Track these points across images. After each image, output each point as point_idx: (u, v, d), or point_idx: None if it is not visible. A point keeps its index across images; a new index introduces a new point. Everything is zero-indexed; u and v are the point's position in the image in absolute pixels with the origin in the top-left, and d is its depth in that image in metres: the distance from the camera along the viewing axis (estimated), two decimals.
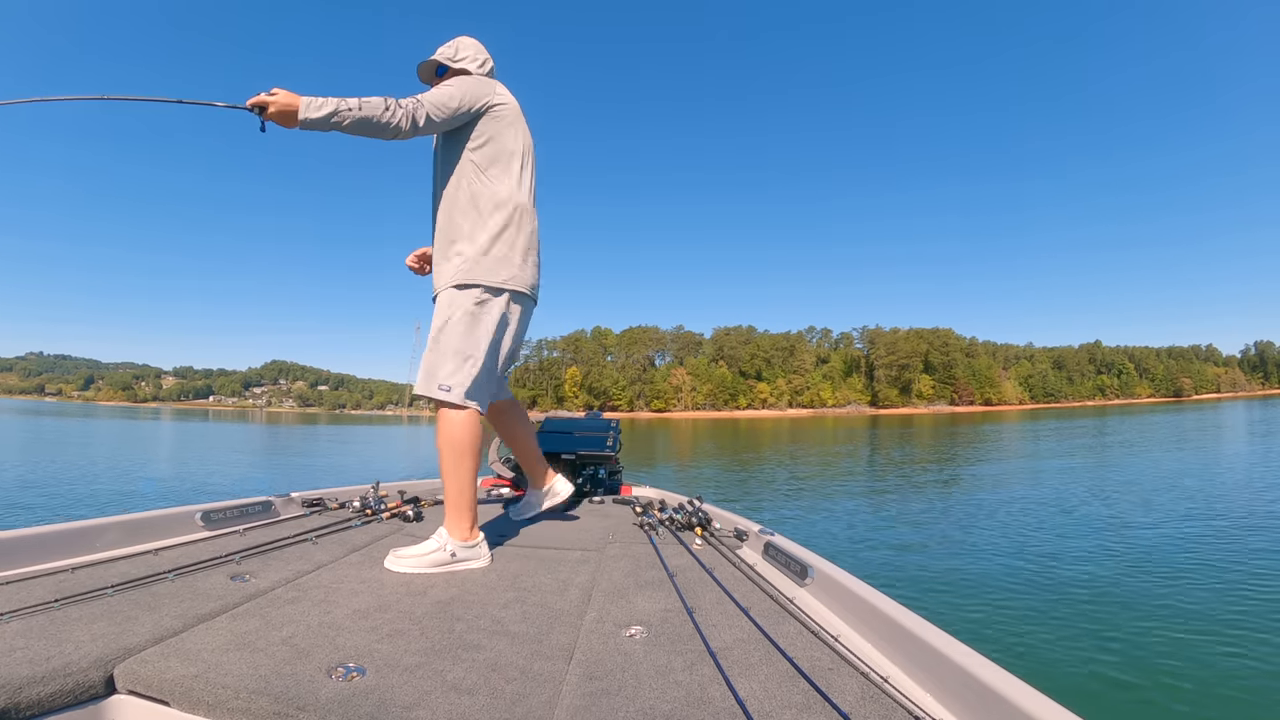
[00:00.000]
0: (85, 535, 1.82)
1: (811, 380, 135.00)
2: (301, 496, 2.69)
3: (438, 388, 1.96)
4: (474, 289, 2.02)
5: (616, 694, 1.11)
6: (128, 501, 9.36)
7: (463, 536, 1.95)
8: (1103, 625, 4.39)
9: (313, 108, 1.77)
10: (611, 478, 3.72)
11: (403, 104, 1.87)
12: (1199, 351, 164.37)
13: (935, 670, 1.14)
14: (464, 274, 2.01)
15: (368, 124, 1.83)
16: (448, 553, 1.91)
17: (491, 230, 2.04)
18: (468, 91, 2.04)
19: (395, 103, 1.86)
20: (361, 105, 1.81)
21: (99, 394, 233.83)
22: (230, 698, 1.06)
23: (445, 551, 1.91)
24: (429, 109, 1.93)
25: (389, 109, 1.84)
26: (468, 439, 1.98)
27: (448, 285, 2.04)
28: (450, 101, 1.98)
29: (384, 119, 1.84)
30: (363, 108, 1.80)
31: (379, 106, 1.83)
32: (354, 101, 1.80)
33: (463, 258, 2.03)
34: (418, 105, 1.90)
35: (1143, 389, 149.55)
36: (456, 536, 1.94)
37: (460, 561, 1.92)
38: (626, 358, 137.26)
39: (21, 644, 1.16)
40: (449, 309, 2.02)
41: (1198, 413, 50.21)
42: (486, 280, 2.03)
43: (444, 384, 1.96)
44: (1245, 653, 3.87)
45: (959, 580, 5.61)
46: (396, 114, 1.85)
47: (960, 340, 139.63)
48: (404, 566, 1.87)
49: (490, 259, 2.03)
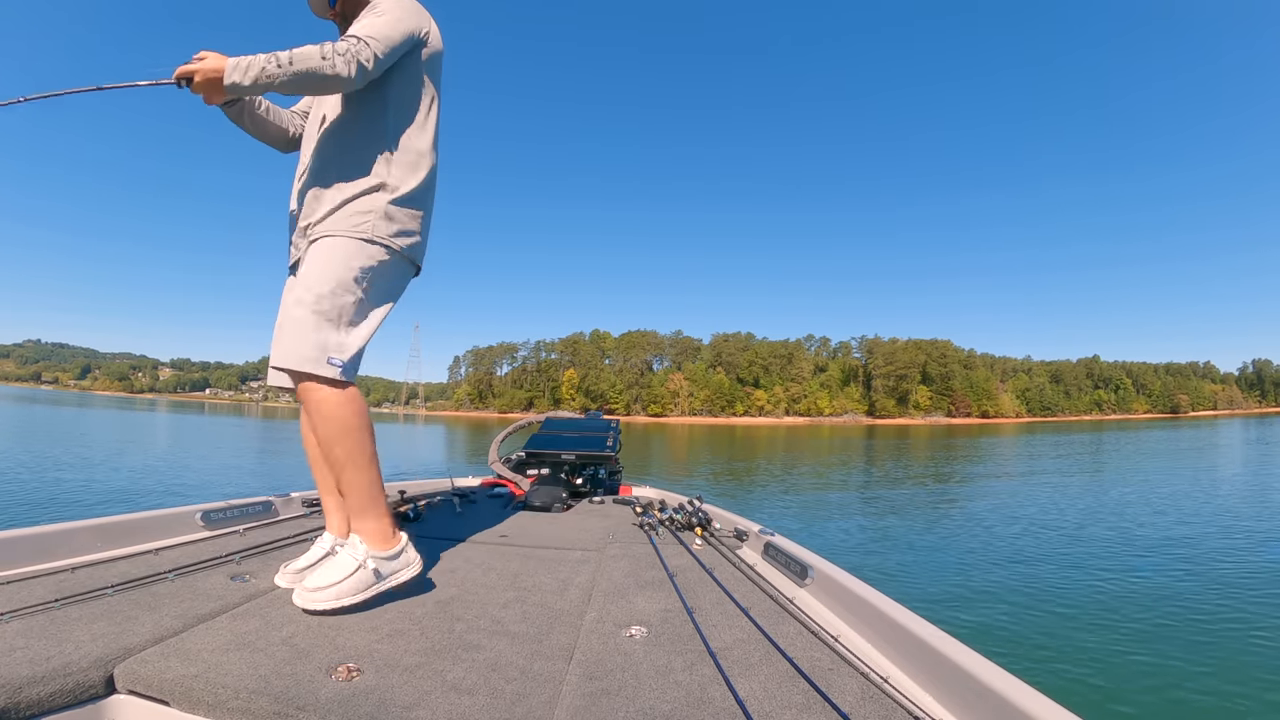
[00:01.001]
0: (85, 535, 1.82)
1: (809, 389, 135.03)
2: (301, 496, 2.68)
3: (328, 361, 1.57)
4: (377, 247, 1.68)
5: (616, 694, 1.11)
6: (128, 501, 9.33)
7: (383, 543, 1.57)
8: (1102, 625, 4.41)
9: (238, 70, 1.53)
10: (611, 478, 3.72)
11: (340, 49, 1.58)
12: (1196, 368, 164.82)
13: (935, 670, 1.15)
14: (369, 227, 1.67)
15: (306, 79, 1.56)
16: (370, 571, 1.52)
17: (409, 186, 1.74)
18: (406, 18, 1.73)
19: (332, 48, 1.57)
20: (293, 59, 1.54)
21: (95, 383, 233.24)
22: (230, 698, 1.06)
23: (367, 570, 1.52)
24: (375, 48, 1.62)
25: (326, 58, 1.55)
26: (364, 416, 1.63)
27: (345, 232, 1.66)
28: (394, 34, 1.68)
29: (323, 70, 1.55)
30: (294, 61, 1.54)
31: (314, 56, 1.55)
32: (284, 56, 1.54)
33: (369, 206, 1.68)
34: (360, 46, 1.60)
35: (1140, 405, 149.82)
36: (377, 546, 1.56)
37: (387, 579, 1.55)
38: (624, 361, 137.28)
39: (21, 644, 1.16)
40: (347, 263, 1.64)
41: (1194, 430, 50.34)
42: (394, 243, 1.71)
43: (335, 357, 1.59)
44: (1245, 652, 3.89)
45: (959, 580, 5.63)
46: (337, 63, 1.56)
47: (958, 352, 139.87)
48: (319, 603, 1.45)
49: (402, 218, 1.73)
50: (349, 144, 1.73)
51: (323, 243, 1.66)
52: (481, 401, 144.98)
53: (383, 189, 1.70)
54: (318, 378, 1.58)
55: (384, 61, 1.67)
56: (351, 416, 1.60)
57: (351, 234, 1.65)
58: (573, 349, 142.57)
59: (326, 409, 1.59)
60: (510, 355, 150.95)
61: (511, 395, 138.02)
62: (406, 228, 1.74)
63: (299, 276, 1.68)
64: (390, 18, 1.69)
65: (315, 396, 1.59)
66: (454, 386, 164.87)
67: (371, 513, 1.59)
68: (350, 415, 1.60)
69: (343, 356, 1.60)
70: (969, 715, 1.03)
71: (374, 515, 1.59)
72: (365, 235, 1.66)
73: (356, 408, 1.62)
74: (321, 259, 1.64)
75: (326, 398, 1.59)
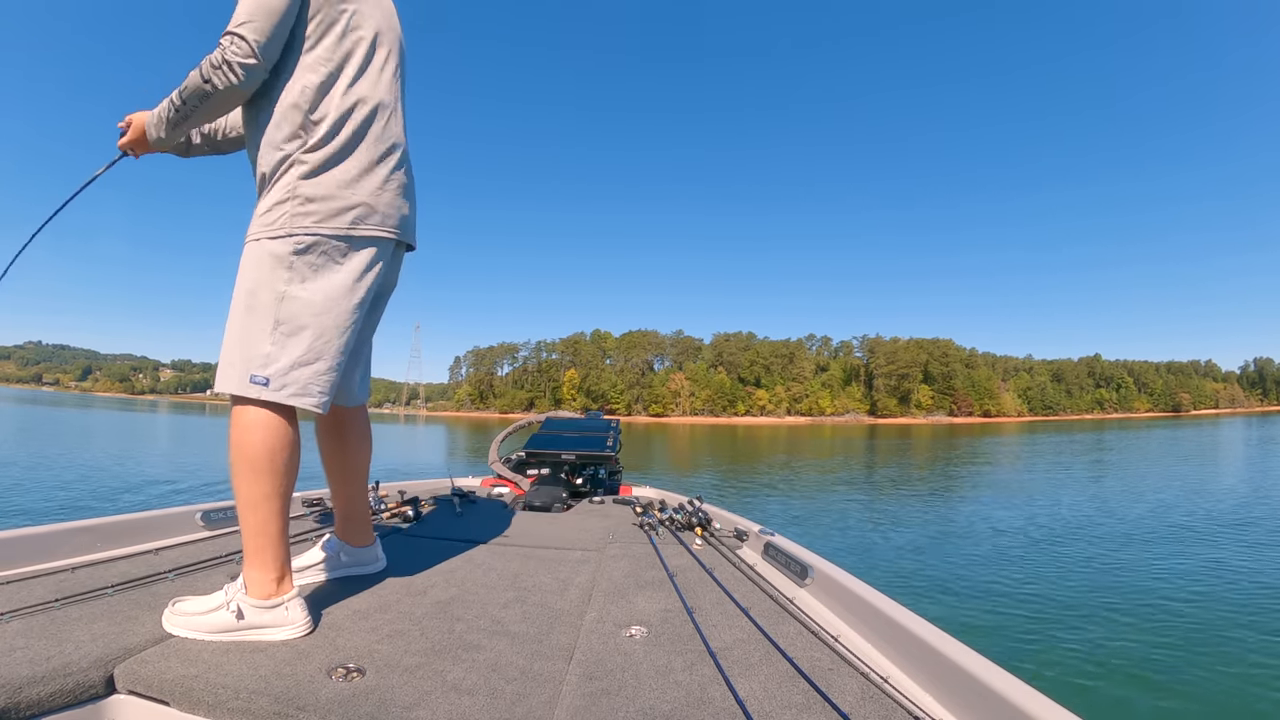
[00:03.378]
0: (85, 535, 1.82)
1: (810, 388, 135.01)
2: (301, 496, 2.68)
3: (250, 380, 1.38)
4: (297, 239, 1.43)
5: (616, 694, 1.11)
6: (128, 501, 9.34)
7: (262, 593, 1.35)
8: (1103, 625, 4.41)
9: (154, 125, 1.46)
10: (611, 478, 3.72)
11: (214, 59, 1.36)
12: (1198, 367, 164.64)
13: (935, 670, 1.15)
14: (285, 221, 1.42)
15: (203, 106, 1.41)
16: (232, 613, 1.31)
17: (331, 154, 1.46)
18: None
19: (207, 62, 1.36)
20: (182, 93, 1.40)
21: (96, 385, 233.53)
22: (230, 698, 1.06)
23: (228, 610, 1.31)
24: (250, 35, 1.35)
25: (205, 77, 1.36)
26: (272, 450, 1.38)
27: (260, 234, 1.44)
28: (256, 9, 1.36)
29: (207, 91, 1.38)
30: (183, 96, 1.40)
31: (195, 80, 1.38)
32: (175, 94, 1.41)
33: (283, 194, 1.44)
34: (232, 43, 1.35)
35: (1141, 403, 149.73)
36: (253, 593, 1.35)
37: (251, 628, 1.32)
38: (625, 361, 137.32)
39: (21, 644, 1.16)
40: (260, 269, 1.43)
41: (1196, 428, 50.30)
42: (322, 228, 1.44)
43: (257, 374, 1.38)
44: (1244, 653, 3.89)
45: (960, 580, 5.63)
46: (214, 78, 1.36)
47: (960, 351, 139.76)
48: (177, 626, 1.31)
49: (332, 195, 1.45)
50: (260, 122, 1.48)
51: (245, 251, 1.45)
52: (482, 402, 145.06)
53: (296, 168, 1.43)
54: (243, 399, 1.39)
55: (271, 42, 1.39)
56: (254, 446, 1.37)
57: (265, 234, 1.42)
58: (574, 349, 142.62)
59: (234, 432, 1.39)
60: (511, 355, 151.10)
61: (512, 395, 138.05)
62: (343, 204, 1.45)
63: None
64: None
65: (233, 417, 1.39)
66: (455, 387, 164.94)
67: (254, 559, 1.37)
68: (253, 445, 1.37)
69: (264, 372, 1.37)
70: (969, 715, 1.03)
71: (256, 563, 1.37)
72: (282, 231, 1.41)
73: (265, 437, 1.37)
74: (241, 268, 1.45)
75: (236, 419, 1.39)
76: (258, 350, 1.38)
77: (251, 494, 1.37)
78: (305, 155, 1.43)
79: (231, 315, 1.42)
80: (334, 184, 1.45)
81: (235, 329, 1.41)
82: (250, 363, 1.38)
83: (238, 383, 1.38)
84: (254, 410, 1.38)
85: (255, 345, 1.38)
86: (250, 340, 1.39)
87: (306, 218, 1.42)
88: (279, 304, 1.40)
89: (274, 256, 1.40)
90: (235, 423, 1.39)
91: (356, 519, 1.79)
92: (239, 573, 1.42)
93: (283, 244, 1.41)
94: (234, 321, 1.42)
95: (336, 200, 1.45)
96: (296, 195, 1.42)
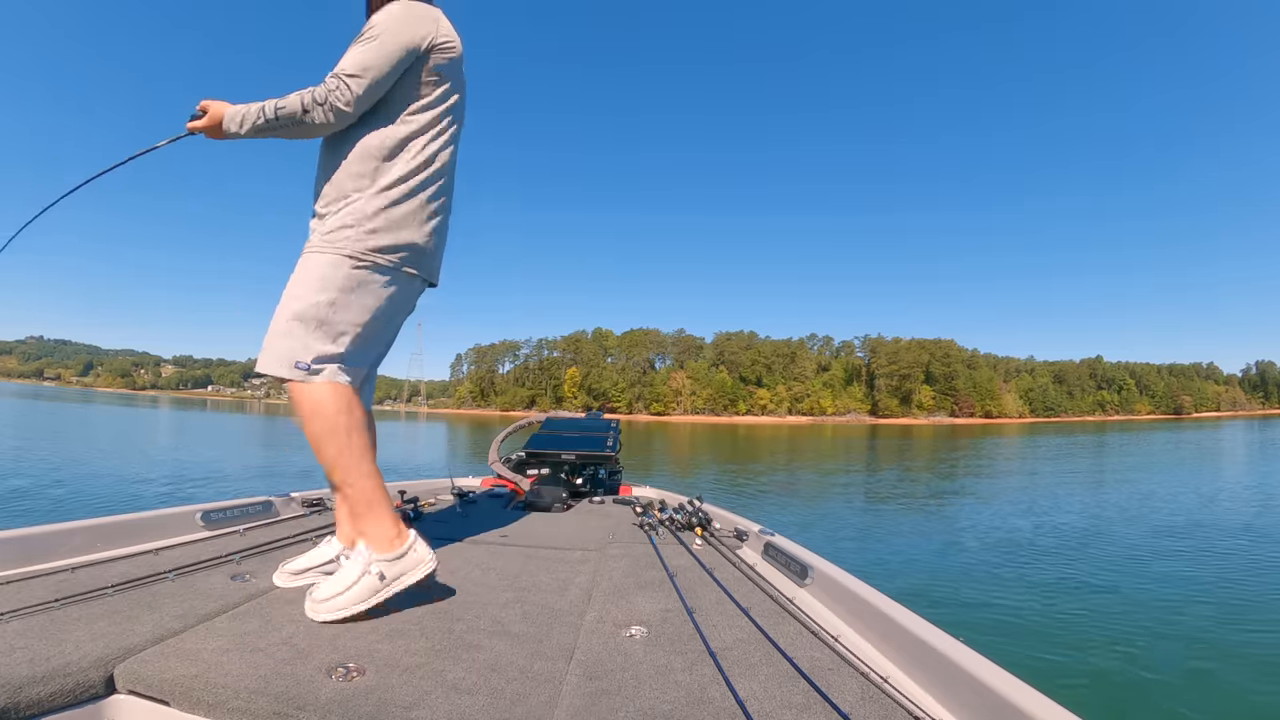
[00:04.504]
0: (85, 535, 1.82)
1: (812, 388, 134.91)
2: (302, 496, 2.68)
3: (294, 365, 1.58)
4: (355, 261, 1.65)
5: (616, 694, 1.11)
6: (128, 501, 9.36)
7: (387, 545, 1.51)
8: (1103, 625, 4.41)
9: (234, 122, 1.63)
10: (611, 478, 3.72)
11: (318, 96, 1.59)
12: (1200, 369, 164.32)
13: (935, 670, 1.15)
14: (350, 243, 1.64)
15: (292, 129, 1.63)
16: (375, 576, 1.47)
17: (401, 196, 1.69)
18: (401, 36, 1.65)
19: (311, 98, 1.59)
20: (279, 111, 1.60)
21: (98, 380, 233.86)
22: (230, 698, 1.06)
23: (371, 576, 1.46)
24: (355, 87, 1.60)
25: (307, 109, 1.59)
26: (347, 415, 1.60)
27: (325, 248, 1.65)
28: (382, 61, 1.62)
29: (304, 120, 1.61)
30: (279, 114, 1.60)
31: (295, 109, 1.59)
32: (271, 108, 1.60)
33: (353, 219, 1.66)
34: (339, 89, 1.59)
35: (1143, 405, 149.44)
36: (383, 549, 1.50)
37: (394, 581, 1.49)
38: (626, 360, 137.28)
39: (21, 644, 1.16)
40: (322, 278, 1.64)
41: (1197, 431, 50.21)
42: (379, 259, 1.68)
43: (302, 361, 1.58)
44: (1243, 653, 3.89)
45: (959, 581, 5.63)
46: (315, 114, 1.59)
47: (962, 352, 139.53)
48: (328, 613, 1.42)
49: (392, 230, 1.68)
50: (345, 150, 1.68)
51: (307, 258, 1.65)
52: (484, 399, 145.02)
53: (366, 202, 1.65)
54: (291, 382, 1.57)
55: (369, 95, 1.63)
56: (333, 416, 1.56)
57: (329, 249, 1.62)
58: (575, 347, 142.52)
59: (304, 410, 1.57)
60: (512, 353, 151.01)
61: (514, 393, 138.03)
62: (398, 241, 1.67)
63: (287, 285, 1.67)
64: (379, 43, 1.63)
65: (295, 399, 1.58)
66: (456, 384, 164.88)
67: (369, 515, 1.54)
68: (331, 415, 1.56)
69: (307, 359, 1.56)
70: (969, 715, 1.03)
71: (373, 518, 1.54)
72: (345, 251, 1.62)
73: (337, 407, 1.57)
74: (301, 272, 1.64)
75: (302, 400, 1.57)
76: (305, 341, 1.58)
77: (343, 459, 1.56)
78: (376, 194, 1.66)
79: (284, 307, 1.61)
80: (392, 224, 1.67)
81: (287, 321, 1.59)
82: (296, 352, 1.57)
83: (287, 369, 1.56)
84: (308, 388, 1.57)
85: (303, 337, 1.58)
86: (299, 333, 1.58)
87: (365, 244, 1.64)
88: (329, 307, 1.61)
89: (333, 269, 1.62)
90: (302, 402, 1.57)
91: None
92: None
93: (343, 262, 1.62)
94: (285, 314, 1.60)
95: (391, 238, 1.67)
96: (362, 225, 1.64)
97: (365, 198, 1.65)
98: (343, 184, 1.67)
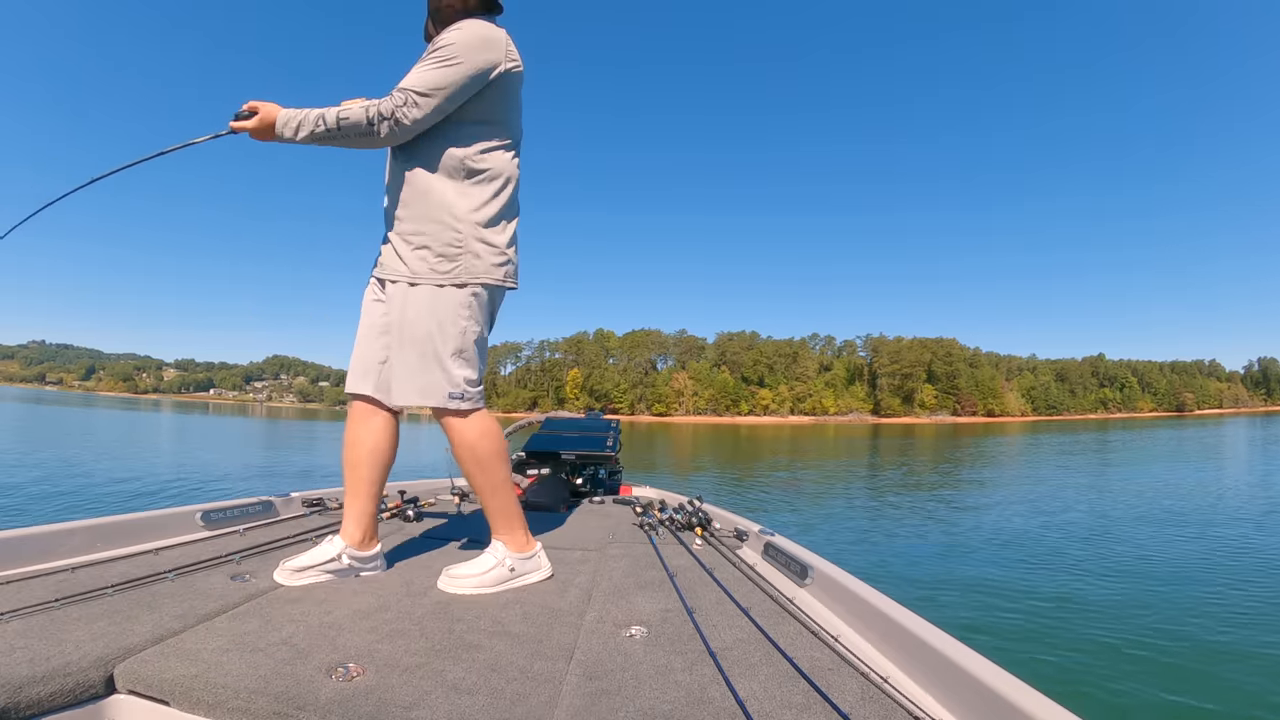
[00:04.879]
0: (85, 535, 1.82)
1: (814, 387, 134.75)
2: (302, 496, 2.69)
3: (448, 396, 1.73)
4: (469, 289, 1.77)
5: (616, 694, 1.11)
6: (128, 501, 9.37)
7: (519, 547, 1.81)
8: (1103, 625, 4.39)
9: (288, 127, 1.63)
10: (611, 478, 3.72)
11: (385, 110, 1.63)
12: (1202, 367, 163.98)
13: (935, 670, 1.15)
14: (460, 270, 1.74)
15: (352, 140, 1.66)
16: (507, 568, 1.76)
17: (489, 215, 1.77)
18: (472, 59, 1.68)
19: (377, 111, 1.62)
20: (340, 122, 1.62)
21: (100, 384, 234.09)
22: (230, 698, 1.06)
23: (504, 567, 1.75)
24: (424, 106, 1.65)
25: (372, 123, 1.63)
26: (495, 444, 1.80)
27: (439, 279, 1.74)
28: (451, 83, 1.66)
29: (368, 133, 1.65)
30: (341, 125, 1.62)
31: (360, 121, 1.63)
32: (332, 117, 1.62)
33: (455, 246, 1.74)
34: (406, 105, 1.63)
35: (1145, 403, 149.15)
36: (515, 549, 1.80)
37: (521, 575, 1.78)
38: (628, 361, 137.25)
39: (21, 644, 1.16)
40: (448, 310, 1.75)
41: (1200, 428, 50.12)
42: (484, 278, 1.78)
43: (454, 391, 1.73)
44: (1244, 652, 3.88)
45: (959, 581, 5.61)
46: (381, 128, 1.64)
47: (964, 350, 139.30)
48: (462, 588, 1.69)
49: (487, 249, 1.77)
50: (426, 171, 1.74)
51: (422, 292, 1.73)
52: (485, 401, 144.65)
53: (467, 226, 1.73)
54: (447, 411, 1.74)
55: (436, 114, 1.68)
56: (499, 437, 1.81)
57: (447, 280, 1.72)
58: (577, 348, 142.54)
59: (472, 435, 1.77)
60: (514, 354, 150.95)
61: (515, 394, 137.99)
62: (495, 259, 1.77)
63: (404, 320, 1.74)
64: (453, 68, 1.66)
65: (455, 427, 1.76)
66: None
67: (510, 525, 1.81)
68: (482, 446, 1.77)
69: (460, 388, 1.73)
70: (969, 715, 1.03)
71: (511, 527, 1.81)
72: (462, 279, 1.73)
73: (487, 438, 1.78)
74: (425, 303, 1.73)
75: (466, 427, 1.76)
76: (452, 373, 1.72)
77: (494, 479, 1.79)
78: (473, 214, 1.74)
79: (417, 342, 1.72)
80: (495, 245, 1.77)
81: (424, 355, 1.72)
82: (450, 383, 1.72)
83: (441, 399, 1.72)
84: (471, 419, 1.76)
85: (448, 369, 1.72)
86: (442, 365, 1.72)
87: (477, 266, 1.74)
88: (462, 337, 1.74)
89: (456, 300, 1.73)
90: (457, 431, 1.76)
91: (368, 521, 1.86)
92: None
93: (463, 291, 1.73)
94: (421, 348, 1.72)
95: (497, 258, 1.78)
96: (471, 250, 1.73)
97: (464, 224, 1.73)
98: (436, 211, 1.72)
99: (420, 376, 1.72)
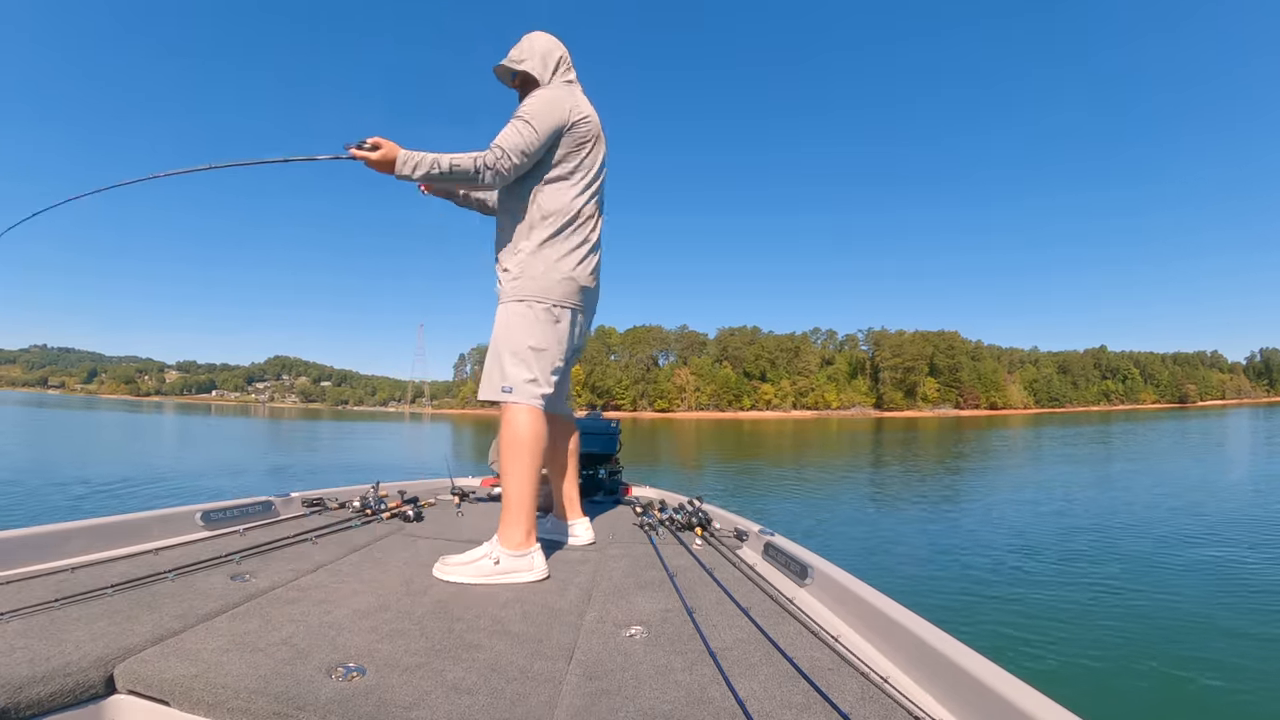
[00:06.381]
0: (85, 535, 1.82)
1: (816, 382, 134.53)
2: (302, 496, 2.69)
3: (501, 390, 2.00)
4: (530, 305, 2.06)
5: (616, 694, 1.11)
6: (128, 501, 9.38)
7: (513, 545, 1.84)
8: (1104, 625, 4.38)
9: (407, 166, 1.88)
10: (612, 478, 3.72)
11: (488, 160, 1.92)
12: (1204, 358, 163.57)
13: (935, 670, 1.14)
14: (526, 291, 2.05)
15: (460, 183, 1.98)
16: (492, 560, 1.80)
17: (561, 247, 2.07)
18: (549, 120, 2.01)
19: (482, 162, 1.92)
20: (453, 167, 1.90)
21: (102, 387, 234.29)
22: (230, 698, 1.06)
23: (490, 559, 1.81)
24: (515, 159, 1.96)
25: (478, 171, 1.92)
26: (525, 437, 1.95)
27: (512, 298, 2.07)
28: (534, 142, 1.98)
29: (474, 179, 1.94)
30: (453, 169, 1.90)
31: (468, 169, 1.91)
32: (446, 162, 1.89)
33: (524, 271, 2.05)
34: (502, 159, 1.94)
35: (1148, 395, 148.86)
36: (506, 544, 1.84)
37: (507, 572, 1.80)
38: (630, 357, 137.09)
39: (21, 644, 1.16)
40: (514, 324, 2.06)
41: (1203, 420, 50.02)
42: (546, 298, 2.07)
43: (507, 385, 2.00)
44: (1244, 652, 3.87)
45: (960, 581, 5.60)
46: (485, 175, 1.93)
47: (966, 343, 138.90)
48: (449, 575, 1.79)
49: (556, 275, 2.06)
50: (513, 210, 2.10)
51: (500, 309, 2.08)
52: None
53: (537, 256, 2.04)
54: (497, 403, 2.02)
55: (524, 166, 2.00)
56: (513, 435, 1.96)
57: (515, 298, 2.04)
58: None
59: (501, 429, 2.00)
60: None
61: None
62: (560, 283, 2.05)
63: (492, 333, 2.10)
64: (531, 128, 1.97)
65: (502, 417, 2.01)
66: (460, 384, 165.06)
67: (509, 517, 1.90)
68: (511, 434, 1.95)
69: (508, 384, 1.99)
70: (969, 715, 1.03)
71: (510, 521, 1.89)
72: (528, 298, 2.03)
73: (519, 430, 1.95)
74: (500, 322, 2.07)
75: (502, 420, 2.00)
76: (508, 371, 2.01)
77: (513, 468, 1.92)
78: (542, 248, 2.05)
79: (493, 348, 2.06)
80: (557, 272, 2.05)
81: (495, 357, 2.04)
82: (504, 379, 2.00)
83: (494, 393, 2.02)
84: (512, 410, 1.98)
85: (506, 368, 2.01)
86: (504, 365, 2.02)
87: (539, 287, 2.03)
88: (518, 342, 2.02)
89: (520, 314, 2.04)
90: (501, 422, 2.00)
91: (570, 497, 2.41)
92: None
93: (528, 306, 2.04)
94: (495, 352, 2.04)
95: (554, 282, 2.05)
96: (535, 275, 2.04)
97: (535, 253, 2.04)
98: (516, 241, 2.07)
99: (488, 376, 2.05)
